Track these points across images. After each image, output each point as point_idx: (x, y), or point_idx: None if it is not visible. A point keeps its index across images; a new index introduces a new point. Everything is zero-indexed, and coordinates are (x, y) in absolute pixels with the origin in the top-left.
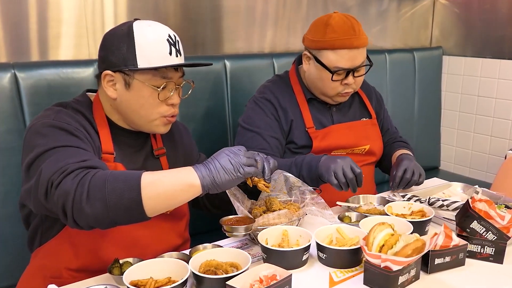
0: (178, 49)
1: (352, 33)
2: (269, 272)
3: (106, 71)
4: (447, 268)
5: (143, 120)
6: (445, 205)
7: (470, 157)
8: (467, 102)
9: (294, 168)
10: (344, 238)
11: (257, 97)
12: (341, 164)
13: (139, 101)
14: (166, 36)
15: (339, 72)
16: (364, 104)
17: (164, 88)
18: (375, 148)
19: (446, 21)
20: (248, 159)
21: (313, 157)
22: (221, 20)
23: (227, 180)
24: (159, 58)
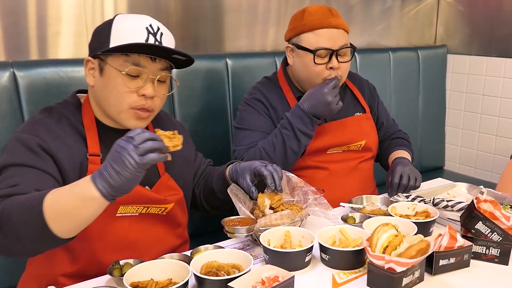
0: (159, 40)
1: (329, 14)
2: (271, 273)
3: (87, 57)
4: (452, 269)
5: (112, 110)
6: (450, 206)
7: (475, 157)
8: (472, 101)
9: (285, 131)
10: (347, 239)
11: (248, 99)
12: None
13: (109, 87)
14: (145, 25)
15: (321, 55)
16: (357, 98)
17: (137, 76)
18: (371, 143)
19: (451, 19)
20: (144, 145)
21: (292, 110)
22: (222, 18)
23: (124, 180)
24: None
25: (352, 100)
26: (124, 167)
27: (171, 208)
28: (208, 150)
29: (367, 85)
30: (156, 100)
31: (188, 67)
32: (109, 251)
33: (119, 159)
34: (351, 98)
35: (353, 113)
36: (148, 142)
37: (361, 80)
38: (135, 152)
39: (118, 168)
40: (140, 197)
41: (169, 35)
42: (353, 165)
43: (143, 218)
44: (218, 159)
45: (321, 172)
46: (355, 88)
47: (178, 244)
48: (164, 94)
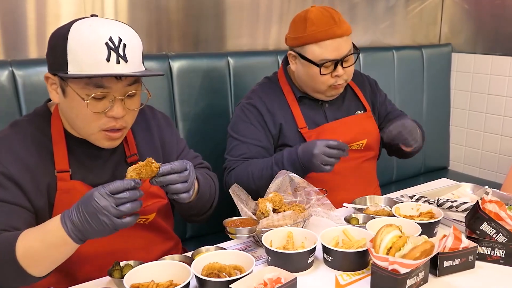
0: (122, 54)
1: (332, 23)
2: (274, 275)
3: (47, 73)
4: (457, 271)
5: (82, 132)
6: (454, 206)
7: (480, 157)
8: (477, 100)
9: (276, 168)
10: (350, 240)
11: (244, 104)
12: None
13: (74, 110)
14: (105, 39)
15: (326, 65)
16: (358, 97)
17: (102, 98)
18: (372, 142)
19: (456, 17)
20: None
21: (290, 150)
22: (224, 16)
23: (99, 234)
24: (92, 64)
25: (353, 99)
26: (100, 225)
27: (153, 218)
28: (209, 151)
29: (368, 81)
30: (127, 117)
31: (189, 66)
32: (89, 266)
33: (95, 217)
34: (352, 97)
35: (355, 112)
36: (127, 204)
37: (362, 77)
38: (113, 214)
39: (93, 224)
40: None
41: (134, 44)
42: (355, 164)
43: (125, 230)
44: (219, 160)
45: (325, 174)
46: (356, 86)
47: (169, 248)
48: (136, 108)
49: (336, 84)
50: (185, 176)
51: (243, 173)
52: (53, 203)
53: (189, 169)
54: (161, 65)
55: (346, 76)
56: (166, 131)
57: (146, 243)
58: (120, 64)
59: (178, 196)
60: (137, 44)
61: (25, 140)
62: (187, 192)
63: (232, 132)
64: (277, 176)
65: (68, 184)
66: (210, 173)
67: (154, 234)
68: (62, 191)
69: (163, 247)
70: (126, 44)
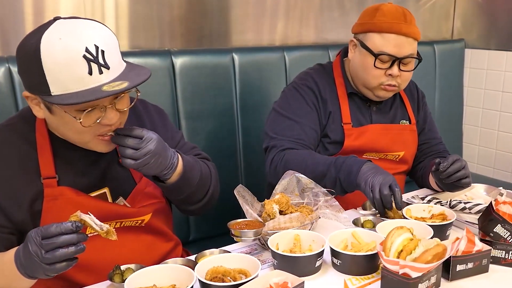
0: (103, 63)
1: (402, 19)
2: (280, 279)
3: (25, 92)
4: (470, 275)
5: (78, 142)
6: (468, 208)
7: (494, 157)
8: (491, 98)
9: (333, 169)
10: (360, 243)
11: (298, 83)
12: (381, 179)
13: (65, 126)
14: (81, 52)
15: (383, 60)
16: (405, 106)
17: (93, 109)
18: (408, 156)
19: (469, 12)
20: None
21: (355, 161)
22: (229, 10)
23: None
24: (75, 81)
25: (400, 107)
26: (35, 269)
27: (150, 219)
28: (213, 150)
29: (416, 91)
30: (120, 119)
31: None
32: (85, 272)
33: (30, 259)
34: (400, 106)
35: (400, 121)
36: (60, 250)
37: (413, 88)
38: (42, 261)
39: (30, 267)
40: (108, 213)
41: (111, 45)
42: None
43: (120, 232)
44: (223, 159)
45: None
46: (405, 96)
47: (169, 249)
48: (127, 107)
49: (387, 84)
50: (136, 143)
51: (297, 160)
52: (40, 211)
53: (145, 140)
54: (164, 61)
55: (400, 80)
56: (159, 125)
57: (144, 246)
58: (103, 73)
59: (123, 160)
60: (114, 44)
61: (6, 149)
62: (133, 160)
63: (282, 110)
64: (283, 177)
65: (55, 191)
66: (207, 162)
67: (151, 236)
68: (49, 198)
69: (162, 249)
70: (104, 50)
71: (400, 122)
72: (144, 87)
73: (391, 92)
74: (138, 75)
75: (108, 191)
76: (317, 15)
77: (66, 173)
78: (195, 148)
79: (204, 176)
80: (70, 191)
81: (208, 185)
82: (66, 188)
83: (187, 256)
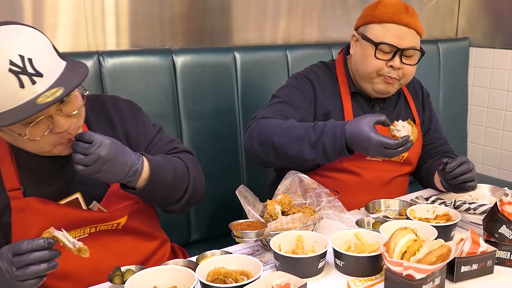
0: (33, 71)
1: (403, 10)
2: (283, 280)
3: None
4: (474, 276)
5: (41, 153)
6: (472, 209)
7: (499, 157)
8: (496, 97)
9: (312, 133)
10: (363, 244)
11: (300, 74)
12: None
13: (17, 142)
14: (5, 66)
15: (384, 50)
16: (409, 106)
17: (39, 121)
18: (413, 157)
19: (473, 9)
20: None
21: (337, 123)
22: (230, 8)
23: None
24: (8, 98)
25: (404, 107)
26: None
27: (126, 221)
28: (214, 150)
29: (421, 92)
30: (74, 121)
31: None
32: (69, 281)
33: (1, 279)
34: (404, 105)
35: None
36: (31, 267)
37: (417, 85)
38: (12, 277)
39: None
40: (80, 220)
41: (39, 50)
42: (390, 177)
43: (96, 237)
44: (225, 160)
45: (353, 178)
46: (409, 94)
47: (153, 249)
48: (78, 108)
49: (387, 76)
50: (84, 149)
51: (271, 123)
52: (9, 223)
53: (94, 145)
54: (164, 60)
55: (401, 73)
56: (130, 121)
57: (125, 248)
58: (37, 82)
59: (74, 166)
60: (44, 48)
61: None
62: (83, 166)
63: (277, 93)
64: (286, 177)
65: (21, 202)
66: (184, 157)
67: (132, 237)
68: (16, 210)
69: (145, 249)
70: (31, 57)
71: None
72: (144, 86)
73: (392, 86)
74: (75, 76)
75: (81, 196)
76: (320, 13)
77: (32, 183)
78: (174, 141)
79: (180, 174)
80: (36, 201)
81: (186, 183)
82: (32, 198)
83: (184, 257)
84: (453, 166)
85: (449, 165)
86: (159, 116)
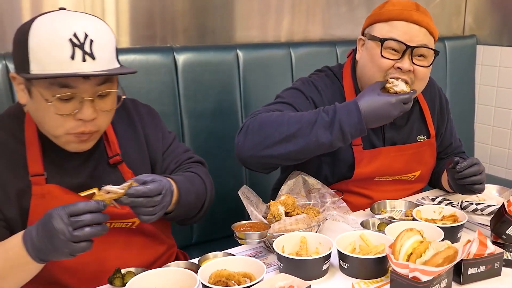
0: (89, 51)
1: (413, 8)
2: (286, 283)
3: (12, 72)
4: (482, 278)
5: (50, 135)
6: (479, 209)
7: (506, 157)
8: (504, 96)
9: (324, 115)
10: (368, 246)
11: (306, 78)
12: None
13: (40, 112)
14: (68, 35)
15: (392, 47)
16: (424, 118)
17: (69, 99)
18: (426, 173)
19: (480, 7)
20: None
21: (346, 103)
22: (232, 5)
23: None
24: (55, 63)
25: (418, 121)
26: (57, 248)
27: None
28: (216, 149)
29: (439, 99)
30: (99, 120)
31: (195, 59)
32: (75, 276)
33: (51, 239)
34: (418, 118)
35: (416, 138)
36: (86, 229)
37: (434, 92)
38: (68, 239)
39: (50, 246)
40: None
41: (103, 39)
42: (402, 196)
43: (109, 234)
44: (227, 159)
45: (363, 200)
46: (425, 104)
47: (160, 253)
48: (109, 109)
49: (407, 91)
50: (156, 201)
51: (273, 115)
52: (27, 208)
53: (163, 193)
54: (165, 58)
55: (413, 76)
56: (150, 126)
57: (134, 248)
58: (87, 62)
59: (139, 216)
60: (107, 40)
61: None
62: (150, 216)
63: (280, 94)
64: (289, 177)
65: (43, 189)
66: (200, 171)
67: (143, 239)
68: (37, 196)
69: (153, 252)
70: (93, 39)
71: (417, 138)
72: (145, 84)
73: None
74: (121, 70)
75: (98, 192)
76: (324, 10)
77: (54, 172)
78: (188, 151)
79: (200, 195)
80: (58, 189)
81: (203, 201)
82: (55, 186)
83: (185, 259)
84: (464, 166)
85: (459, 165)
86: (160, 115)
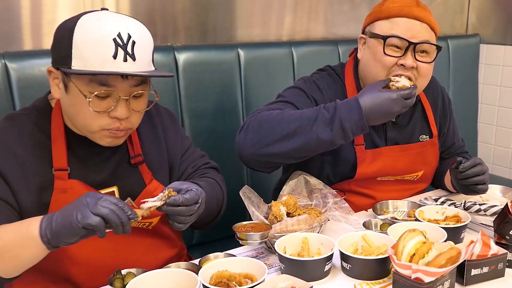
0: (130, 52)
1: (414, 4)
2: (288, 284)
3: (49, 66)
4: (485, 279)
5: (83, 130)
6: (483, 210)
7: (510, 157)
8: (507, 95)
9: (324, 111)
10: (370, 247)
11: (308, 78)
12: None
13: (75, 107)
14: (113, 35)
15: (395, 44)
16: (427, 118)
17: (106, 97)
18: (428, 173)
19: (484, 5)
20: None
21: (347, 100)
22: (234, 4)
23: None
24: (97, 61)
25: (420, 121)
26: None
27: (157, 222)
28: (217, 149)
29: (442, 98)
30: (132, 118)
31: (196, 58)
32: (88, 272)
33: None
34: (420, 118)
35: (418, 137)
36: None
37: (436, 92)
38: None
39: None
40: None
41: (144, 42)
42: (405, 196)
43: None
44: (228, 159)
45: (365, 200)
46: (427, 104)
47: (173, 255)
48: (142, 110)
49: (408, 87)
50: (193, 210)
51: (273, 113)
52: (48, 203)
53: (200, 202)
54: (166, 57)
55: (416, 74)
56: (170, 129)
57: (149, 249)
58: (128, 62)
59: (172, 224)
60: (147, 43)
61: (20, 135)
62: (184, 224)
63: (282, 93)
64: (291, 177)
65: (66, 183)
66: (217, 177)
67: (157, 240)
68: (59, 190)
69: (165, 254)
70: (135, 41)
71: (419, 138)
72: None
73: None
74: (158, 73)
75: (117, 190)
76: (326, 9)
77: (77, 167)
78: (204, 156)
79: (219, 201)
80: (80, 185)
81: (220, 207)
82: (77, 181)
83: (190, 260)
84: (467, 166)
85: (462, 165)
86: None
